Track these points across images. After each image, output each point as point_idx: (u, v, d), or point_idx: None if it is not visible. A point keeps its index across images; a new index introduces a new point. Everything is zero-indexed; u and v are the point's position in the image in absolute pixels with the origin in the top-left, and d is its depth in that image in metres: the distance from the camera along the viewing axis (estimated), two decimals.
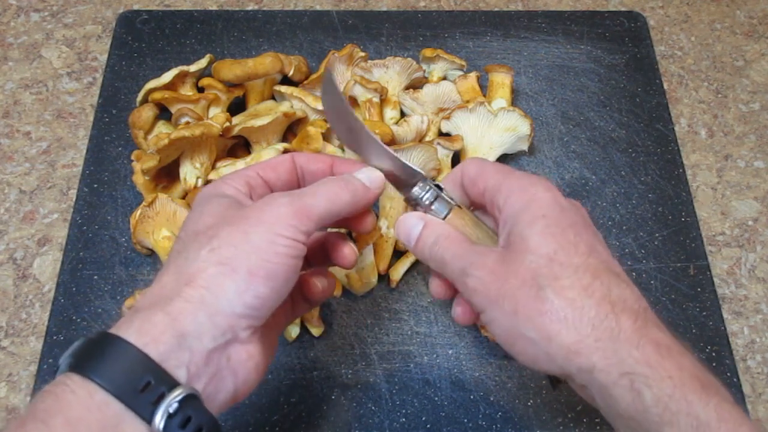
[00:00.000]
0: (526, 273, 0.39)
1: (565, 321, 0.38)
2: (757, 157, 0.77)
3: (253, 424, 0.58)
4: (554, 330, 0.38)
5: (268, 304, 0.39)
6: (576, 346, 0.37)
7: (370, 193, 0.45)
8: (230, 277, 0.38)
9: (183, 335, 0.36)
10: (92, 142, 0.72)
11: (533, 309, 0.39)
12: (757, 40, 0.86)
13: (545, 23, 0.83)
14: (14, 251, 0.69)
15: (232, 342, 0.38)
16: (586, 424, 0.59)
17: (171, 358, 0.36)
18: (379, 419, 0.59)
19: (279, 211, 0.40)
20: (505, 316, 0.40)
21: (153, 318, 0.36)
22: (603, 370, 0.37)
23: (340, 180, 0.44)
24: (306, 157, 0.47)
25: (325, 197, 0.42)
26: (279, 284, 0.39)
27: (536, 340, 0.38)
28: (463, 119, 0.69)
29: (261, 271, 0.38)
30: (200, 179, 0.64)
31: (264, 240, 0.39)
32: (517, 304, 0.39)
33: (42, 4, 0.86)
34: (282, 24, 0.82)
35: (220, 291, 0.37)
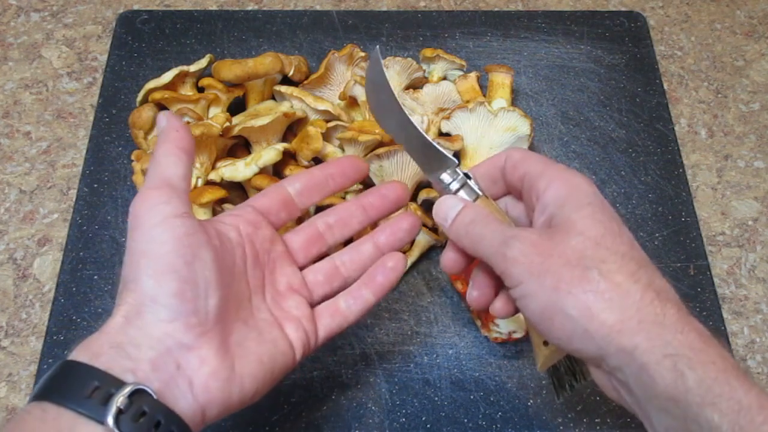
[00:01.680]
0: (571, 253, 0.39)
1: (609, 301, 0.38)
2: (757, 157, 0.77)
3: (253, 424, 0.58)
4: (597, 308, 0.38)
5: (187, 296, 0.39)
6: (619, 326, 0.37)
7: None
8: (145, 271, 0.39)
9: (119, 345, 0.38)
10: (92, 142, 0.72)
11: (577, 286, 0.38)
12: (757, 40, 0.87)
13: (545, 23, 0.83)
14: (14, 251, 0.69)
15: (176, 348, 0.39)
16: (586, 424, 0.59)
17: (114, 366, 0.37)
18: (379, 419, 0.59)
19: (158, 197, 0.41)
20: (545, 290, 0.39)
21: (92, 339, 0.39)
22: (646, 351, 0.36)
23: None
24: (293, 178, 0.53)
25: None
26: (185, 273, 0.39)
27: (576, 317, 0.38)
28: (463, 119, 0.69)
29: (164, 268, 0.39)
30: (200, 179, 0.64)
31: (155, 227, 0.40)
32: (559, 281, 0.39)
33: (42, 4, 0.86)
34: (282, 24, 0.82)
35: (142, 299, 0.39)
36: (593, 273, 0.38)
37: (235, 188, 0.67)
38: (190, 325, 0.39)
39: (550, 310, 0.39)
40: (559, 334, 0.39)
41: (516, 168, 0.46)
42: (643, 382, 0.37)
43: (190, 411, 0.39)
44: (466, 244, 0.45)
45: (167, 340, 0.38)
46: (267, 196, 0.51)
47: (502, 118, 0.68)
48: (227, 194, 0.64)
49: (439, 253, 0.66)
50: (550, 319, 0.39)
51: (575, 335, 0.38)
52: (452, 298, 0.65)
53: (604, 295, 0.38)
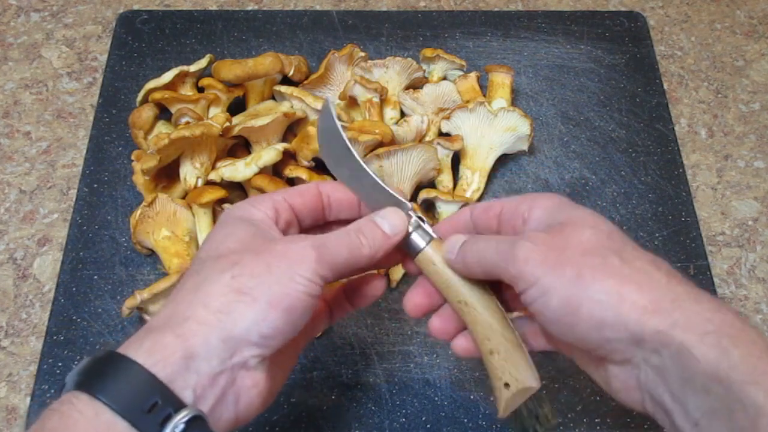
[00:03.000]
0: (587, 243, 0.39)
1: (638, 284, 0.37)
2: (757, 157, 0.77)
3: (253, 424, 0.58)
4: (627, 291, 0.37)
5: (281, 336, 0.39)
6: (653, 306, 0.36)
7: (390, 241, 0.45)
8: (250, 305, 0.38)
9: (192, 356, 0.36)
10: (92, 142, 0.72)
11: (602, 272, 0.38)
12: (757, 40, 0.87)
13: (545, 23, 0.83)
14: (14, 251, 0.69)
15: (240, 367, 0.38)
16: (586, 424, 0.59)
17: (178, 379, 0.36)
18: (379, 419, 0.59)
19: (303, 252, 0.40)
20: (565, 282, 0.38)
21: (163, 339, 0.37)
22: (686, 328, 0.35)
23: (359, 231, 0.44)
24: (331, 186, 0.48)
25: (346, 249, 0.42)
26: (295, 318, 0.40)
27: (606, 301, 0.37)
28: (463, 119, 0.69)
29: (280, 304, 0.39)
30: (200, 179, 0.64)
31: (285, 275, 0.39)
32: (581, 269, 0.38)
33: (42, 4, 0.86)
34: (282, 24, 0.82)
35: (238, 317, 0.38)
36: (615, 259, 0.38)
37: (235, 188, 0.67)
38: (263, 354, 0.39)
39: (574, 300, 0.38)
40: (587, 325, 0.37)
41: (487, 211, 0.46)
42: (683, 362, 0.35)
43: (227, 423, 0.39)
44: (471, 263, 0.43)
45: (237, 358, 0.38)
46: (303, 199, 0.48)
47: (502, 118, 0.68)
48: (227, 194, 0.64)
49: None
50: (575, 311, 0.38)
51: (606, 322, 0.37)
52: None
53: (632, 278, 0.37)
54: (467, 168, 0.69)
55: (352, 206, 0.48)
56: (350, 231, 0.44)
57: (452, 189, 0.69)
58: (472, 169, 0.69)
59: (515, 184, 0.71)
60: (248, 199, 0.47)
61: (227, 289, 0.38)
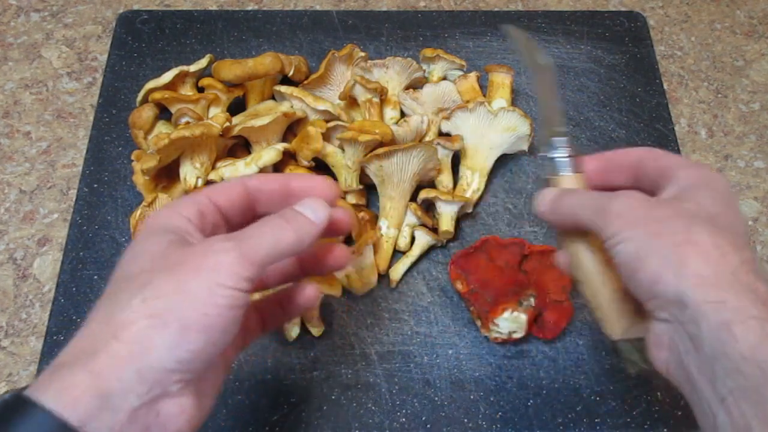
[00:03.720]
0: (683, 211, 0.41)
1: (706, 255, 0.38)
2: (757, 157, 0.77)
3: (253, 424, 0.58)
4: (694, 259, 0.38)
5: (202, 358, 0.37)
6: (713, 279, 0.38)
7: (316, 228, 0.43)
8: (161, 331, 0.35)
9: (106, 395, 0.34)
10: (92, 142, 0.72)
11: (679, 236, 0.39)
12: (757, 40, 0.87)
13: (545, 23, 0.83)
14: (14, 251, 0.69)
15: (161, 397, 0.36)
16: (586, 424, 0.59)
17: (93, 420, 0.33)
18: (379, 419, 0.59)
19: (221, 258, 0.37)
20: (643, 236, 0.40)
21: (74, 377, 0.34)
22: (733, 308, 0.36)
23: (282, 218, 0.42)
24: (258, 179, 0.45)
25: (268, 239, 0.40)
26: (216, 337, 0.37)
27: (669, 260, 0.39)
28: (463, 119, 0.69)
29: (196, 325, 0.36)
30: (200, 179, 0.64)
31: (202, 290, 0.36)
32: (662, 229, 0.40)
33: (42, 4, 0.86)
34: (282, 24, 0.82)
35: (151, 346, 0.35)
36: (699, 228, 0.39)
37: None
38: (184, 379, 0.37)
39: (644, 251, 0.40)
40: (646, 275, 0.40)
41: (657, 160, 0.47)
42: (720, 338, 0.36)
43: None
44: (566, 213, 0.46)
45: (157, 389, 0.35)
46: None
47: (502, 118, 0.68)
48: None
49: (439, 254, 0.67)
50: (641, 259, 0.40)
51: (661, 279, 0.39)
52: (452, 298, 0.65)
53: (704, 251, 0.38)
54: (467, 168, 0.69)
55: (282, 198, 0.45)
56: (271, 219, 0.42)
57: (452, 189, 0.69)
58: (472, 169, 0.69)
59: (515, 184, 0.71)
60: (171, 202, 0.44)
61: (138, 315, 0.35)
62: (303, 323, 0.62)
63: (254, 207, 0.45)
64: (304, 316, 0.61)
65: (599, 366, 0.61)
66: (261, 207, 0.45)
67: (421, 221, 0.66)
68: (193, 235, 0.40)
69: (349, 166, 0.65)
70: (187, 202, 0.42)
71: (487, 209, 0.70)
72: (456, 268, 0.63)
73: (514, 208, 0.70)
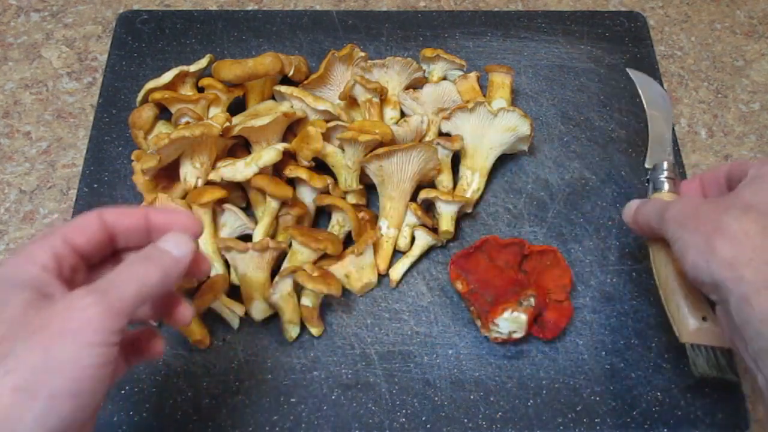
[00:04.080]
0: (721, 203, 0.47)
1: (732, 239, 0.44)
2: (757, 157, 0.77)
3: (253, 424, 0.58)
4: (721, 244, 0.45)
5: (75, 423, 0.35)
6: (733, 260, 0.44)
7: (181, 263, 0.42)
8: (29, 404, 0.34)
9: None
10: (92, 142, 0.72)
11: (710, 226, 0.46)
12: (757, 40, 0.87)
13: (545, 23, 0.83)
14: (14, 251, 0.69)
15: None
16: (586, 424, 0.59)
17: None
18: (379, 419, 0.59)
19: (84, 315, 0.36)
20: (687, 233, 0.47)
21: None
22: (749, 282, 0.43)
23: (145, 257, 0.41)
24: (116, 213, 0.43)
25: (134, 283, 0.39)
26: (87, 400, 0.36)
27: (703, 250, 0.46)
28: (463, 119, 0.69)
29: (66, 393, 0.35)
30: (200, 179, 0.64)
31: (69, 355, 0.35)
32: (700, 223, 0.47)
33: (42, 4, 0.86)
34: (282, 24, 0.82)
35: (17, 422, 0.33)
36: (729, 217, 0.45)
37: (235, 188, 0.67)
38: None
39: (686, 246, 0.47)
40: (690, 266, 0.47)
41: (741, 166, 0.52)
42: (742, 309, 0.43)
43: None
44: (642, 222, 0.56)
45: None
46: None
47: (502, 118, 0.68)
48: (227, 194, 0.64)
49: (439, 254, 0.67)
50: (684, 255, 0.47)
51: (698, 266, 0.46)
52: (452, 298, 0.65)
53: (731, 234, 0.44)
54: (467, 168, 0.69)
55: (140, 232, 0.44)
56: (135, 260, 0.40)
57: (452, 189, 0.69)
58: (472, 169, 0.69)
59: (515, 184, 0.71)
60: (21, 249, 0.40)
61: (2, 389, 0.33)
62: (303, 323, 0.62)
63: (113, 242, 0.44)
64: (303, 316, 0.61)
65: (599, 366, 0.61)
66: (120, 242, 0.44)
67: (421, 221, 0.66)
68: (52, 284, 0.38)
69: (349, 166, 0.65)
70: (40, 246, 0.40)
71: (487, 209, 0.70)
72: (456, 268, 0.63)
73: (514, 208, 0.70)
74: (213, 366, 0.61)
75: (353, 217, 0.63)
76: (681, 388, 0.60)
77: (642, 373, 0.61)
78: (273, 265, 0.63)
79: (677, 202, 0.50)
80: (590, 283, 0.66)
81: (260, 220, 0.65)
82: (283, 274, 0.60)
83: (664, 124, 0.64)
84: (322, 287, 0.58)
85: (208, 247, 0.64)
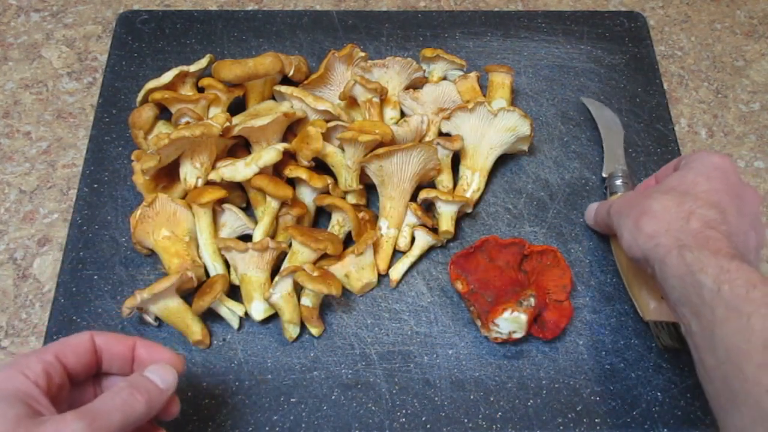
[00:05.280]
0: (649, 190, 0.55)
1: (654, 216, 0.51)
2: (757, 157, 0.77)
3: (253, 424, 0.58)
4: (645, 221, 0.52)
5: None
6: (655, 232, 0.51)
7: (164, 395, 0.44)
8: None
9: None
10: (92, 142, 0.72)
11: (637, 209, 0.53)
12: (757, 40, 0.86)
13: (545, 23, 0.83)
14: (14, 251, 0.69)
15: None
16: (586, 424, 0.59)
17: None
18: (379, 419, 0.59)
19: None
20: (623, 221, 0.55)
21: None
22: (664, 245, 0.49)
23: (132, 388, 0.43)
24: (106, 339, 0.46)
25: (119, 413, 0.41)
26: None
27: (630, 229, 0.53)
28: (463, 119, 0.69)
29: None
30: (200, 179, 0.64)
31: None
32: (631, 210, 0.54)
33: (42, 4, 0.86)
34: (282, 24, 0.82)
35: None
36: (652, 200, 0.52)
37: (235, 188, 0.67)
38: None
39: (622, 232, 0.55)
40: (625, 246, 0.54)
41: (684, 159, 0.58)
42: (661, 270, 0.50)
43: None
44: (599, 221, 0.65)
45: None
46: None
47: (502, 118, 0.68)
48: (227, 194, 0.64)
49: (439, 254, 0.67)
50: (623, 241, 0.54)
51: (631, 247, 0.53)
52: (452, 298, 0.65)
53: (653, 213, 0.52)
54: (467, 168, 0.69)
55: (125, 360, 0.47)
56: (122, 390, 0.42)
57: (452, 189, 0.69)
58: (472, 169, 0.69)
59: (515, 184, 0.71)
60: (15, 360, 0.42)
61: None
62: (303, 323, 0.62)
63: (98, 363, 0.46)
64: (304, 316, 0.61)
65: (599, 366, 0.61)
66: (104, 365, 0.47)
67: (421, 221, 0.66)
68: (41, 402, 0.40)
69: (349, 166, 0.65)
70: (33, 361, 0.42)
71: (487, 209, 0.70)
72: (456, 268, 0.63)
73: (514, 208, 0.70)
74: (213, 366, 0.61)
75: (353, 217, 0.63)
76: (681, 388, 0.60)
77: (642, 373, 0.61)
78: (273, 265, 0.63)
79: (620, 197, 0.57)
80: (590, 283, 0.66)
81: (260, 220, 0.65)
82: (283, 274, 0.60)
83: (616, 141, 0.73)
84: (322, 287, 0.58)
85: (208, 247, 0.64)
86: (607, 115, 0.75)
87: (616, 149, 0.73)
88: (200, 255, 0.64)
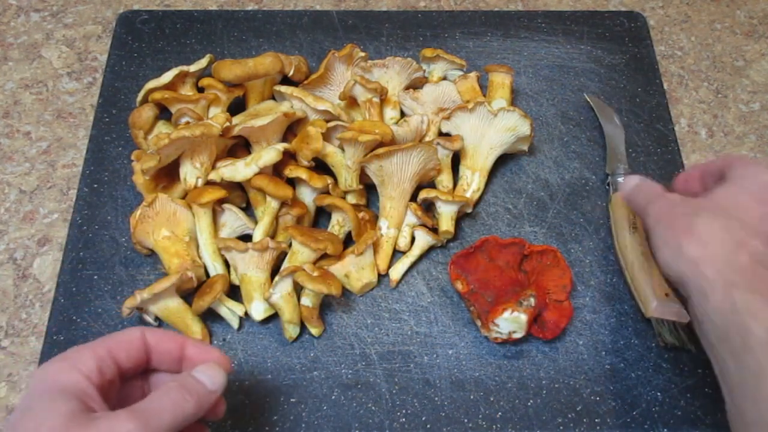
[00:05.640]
0: (695, 205, 0.51)
1: (699, 240, 0.48)
2: (757, 157, 0.77)
3: (253, 424, 0.58)
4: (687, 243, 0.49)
5: None
6: (700, 259, 0.48)
7: (213, 395, 0.45)
8: None
9: None
10: (92, 142, 0.72)
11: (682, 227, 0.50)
12: (757, 40, 0.86)
13: (545, 23, 0.83)
14: (14, 251, 0.69)
15: None
16: (586, 424, 0.59)
17: None
18: (379, 419, 0.59)
19: None
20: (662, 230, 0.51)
21: None
22: (708, 279, 0.47)
23: (182, 388, 0.43)
24: (158, 336, 0.47)
25: (170, 414, 0.41)
26: None
27: (673, 249, 0.50)
28: (463, 119, 0.69)
29: None
30: (200, 179, 0.64)
31: None
32: (674, 223, 0.51)
33: (42, 4, 0.86)
34: (282, 24, 0.82)
35: None
36: (700, 218, 0.49)
37: (235, 188, 0.67)
38: None
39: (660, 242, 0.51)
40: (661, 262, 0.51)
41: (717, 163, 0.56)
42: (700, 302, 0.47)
43: None
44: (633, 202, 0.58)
45: None
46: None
47: (502, 118, 0.68)
48: (227, 194, 0.64)
49: (439, 254, 0.67)
50: (658, 250, 0.51)
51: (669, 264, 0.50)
52: (452, 298, 0.65)
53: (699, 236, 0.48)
54: (467, 168, 0.69)
55: (174, 358, 0.47)
56: (171, 390, 0.43)
57: (452, 189, 0.69)
58: (472, 169, 0.69)
59: (515, 184, 0.71)
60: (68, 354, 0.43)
61: None
62: (303, 323, 0.62)
63: (148, 360, 0.46)
64: (303, 316, 0.61)
65: (599, 366, 0.61)
66: (153, 363, 0.47)
67: (421, 221, 0.66)
68: (93, 398, 0.40)
69: (349, 166, 0.65)
70: (87, 355, 0.42)
71: (487, 209, 0.70)
72: (456, 268, 0.63)
73: (514, 208, 0.70)
74: None
75: (353, 217, 0.63)
76: (681, 388, 0.60)
77: (642, 373, 0.61)
78: (273, 265, 0.63)
79: (660, 199, 0.54)
80: (590, 283, 0.66)
81: (260, 220, 0.65)
82: (283, 274, 0.60)
83: (618, 140, 0.73)
84: (322, 287, 0.58)
85: (208, 247, 0.64)
86: (609, 114, 0.75)
87: (618, 146, 0.72)
88: (200, 255, 0.64)
